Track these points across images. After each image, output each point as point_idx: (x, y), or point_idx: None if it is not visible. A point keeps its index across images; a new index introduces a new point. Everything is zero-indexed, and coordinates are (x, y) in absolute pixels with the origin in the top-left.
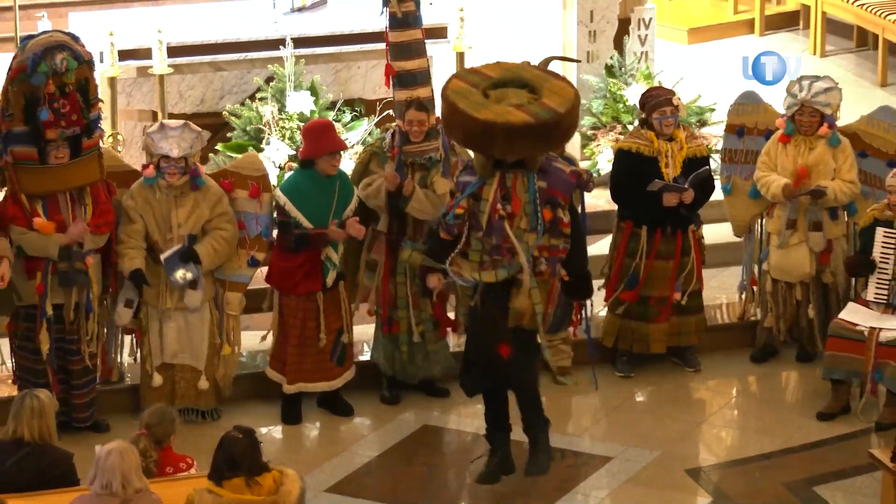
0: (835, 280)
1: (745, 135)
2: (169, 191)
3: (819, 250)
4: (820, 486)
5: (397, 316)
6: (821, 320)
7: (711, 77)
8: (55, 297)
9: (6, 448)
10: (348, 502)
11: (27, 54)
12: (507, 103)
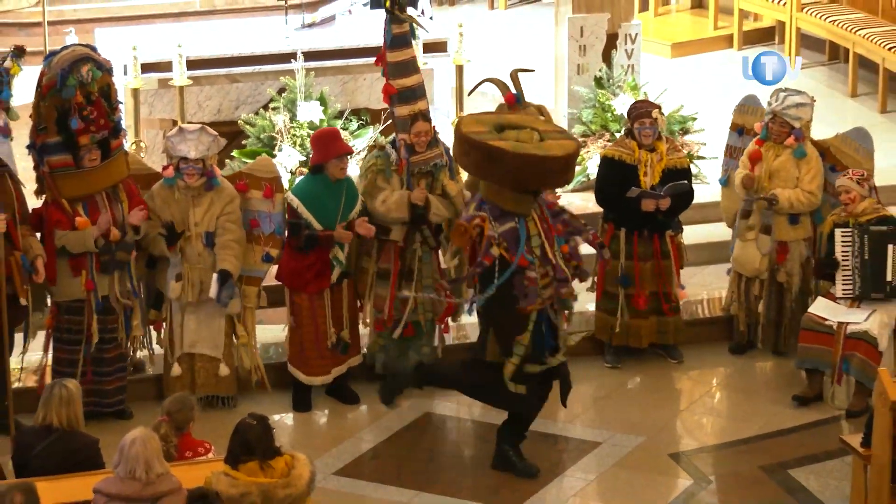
0: (789, 280)
1: (744, 134)
2: (187, 191)
3: (765, 252)
4: (794, 469)
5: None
6: (771, 317)
7: (693, 88)
8: (102, 289)
9: (36, 434)
10: (355, 485)
11: (55, 70)
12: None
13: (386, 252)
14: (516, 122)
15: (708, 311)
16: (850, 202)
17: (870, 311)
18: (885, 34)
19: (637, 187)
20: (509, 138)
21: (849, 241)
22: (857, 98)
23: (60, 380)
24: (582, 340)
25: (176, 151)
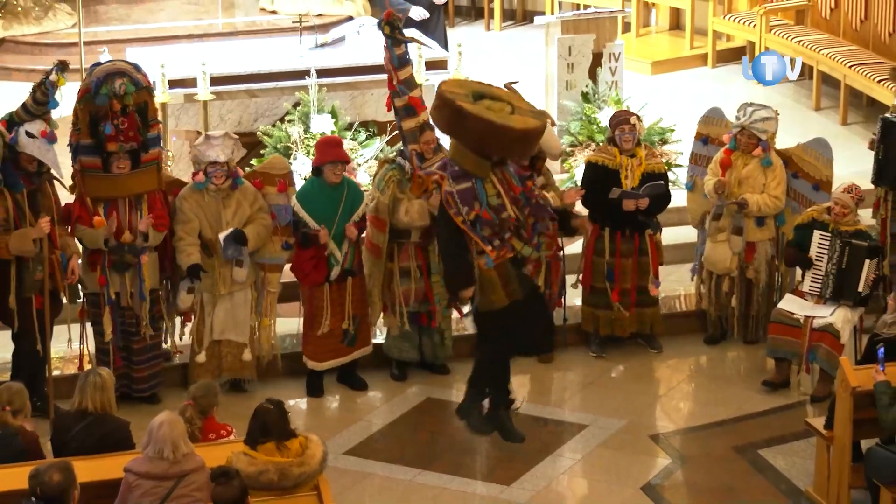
0: (757, 276)
1: (708, 143)
2: (216, 193)
3: (737, 251)
4: (763, 450)
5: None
6: (741, 310)
7: (671, 102)
8: (114, 285)
9: (73, 418)
10: (363, 463)
11: (92, 78)
12: (507, 112)
13: (405, 252)
14: (496, 94)
15: (684, 305)
16: (842, 215)
17: (834, 307)
18: (846, 53)
19: (619, 189)
20: (482, 105)
21: (826, 245)
22: (821, 111)
23: (95, 368)
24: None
25: (204, 157)
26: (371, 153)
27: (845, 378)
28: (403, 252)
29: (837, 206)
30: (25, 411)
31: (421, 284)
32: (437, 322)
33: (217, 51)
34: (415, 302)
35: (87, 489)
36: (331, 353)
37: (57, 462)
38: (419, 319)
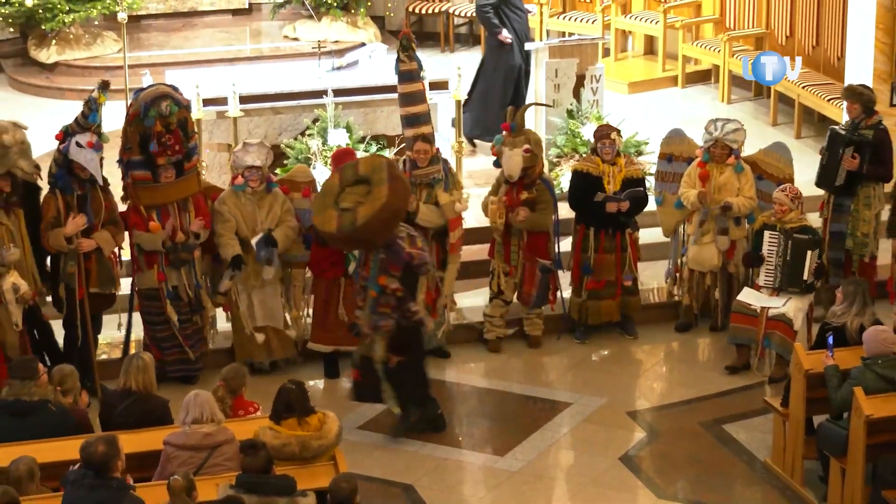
0: (737, 270)
1: (673, 161)
2: (252, 196)
3: (725, 250)
4: (727, 425)
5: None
6: (724, 301)
7: (646, 118)
8: (171, 280)
9: (118, 396)
10: (373, 436)
11: (140, 103)
12: (342, 206)
13: None
14: (361, 177)
15: (658, 297)
16: (782, 212)
17: (787, 298)
18: (800, 75)
19: (602, 193)
20: (337, 209)
21: (775, 242)
22: (777, 126)
23: (137, 352)
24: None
25: (242, 162)
26: None
27: (799, 362)
28: None
29: (776, 205)
30: (76, 391)
31: None
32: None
33: (245, 73)
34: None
35: (131, 459)
36: (338, 340)
37: (103, 435)
38: None
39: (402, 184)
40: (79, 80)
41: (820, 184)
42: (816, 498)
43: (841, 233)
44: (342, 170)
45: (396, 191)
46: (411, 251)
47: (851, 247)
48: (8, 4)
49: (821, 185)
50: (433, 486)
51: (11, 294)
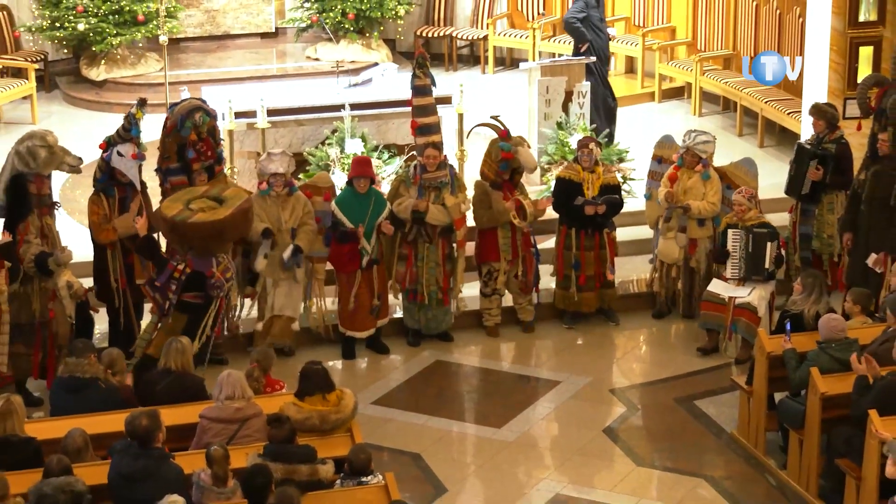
0: (698, 265)
1: (662, 162)
2: (276, 199)
3: (682, 246)
4: (698, 400)
5: (419, 289)
6: (686, 292)
7: (627, 130)
8: None
9: (159, 376)
10: (385, 411)
11: (177, 116)
12: (190, 205)
13: (403, 241)
14: (207, 194)
15: (636, 288)
16: (741, 212)
17: (751, 288)
18: (763, 91)
19: (581, 198)
20: (190, 212)
21: (738, 238)
22: (743, 137)
23: (177, 336)
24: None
25: (267, 170)
26: (392, 169)
27: (762, 345)
28: (404, 243)
29: (736, 206)
30: (122, 372)
31: (414, 269)
32: (423, 298)
33: (272, 89)
34: (410, 283)
35: (171, 431)
36: (363, 323)
37: (146, 410)
38: (415, 297)
39: (244, 218)
40: (125, 96)
41: (789, 192)
42: (777, 466)
43: (808, 235)
44: (214, 185)
45: (235, 219)
46: (215, 271)
47: (818, 247)
48: (63, 29)
49: (789, 193)
50: (438, 455)
51: (66, 290)
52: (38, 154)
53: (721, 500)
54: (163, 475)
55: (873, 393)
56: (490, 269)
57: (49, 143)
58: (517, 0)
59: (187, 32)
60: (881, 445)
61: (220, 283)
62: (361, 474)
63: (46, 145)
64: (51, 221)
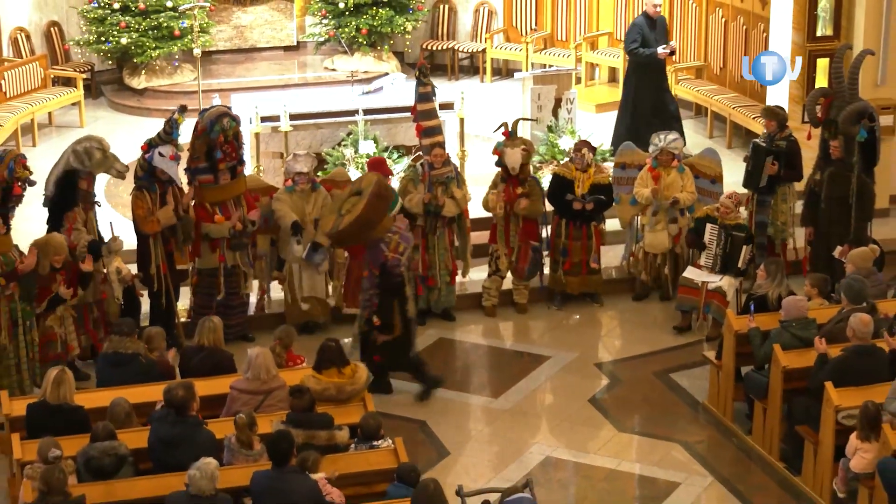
0: (682, 251)
1: (626, 168)
2: (301, 193)
3: (674, 235)
4: (673, 374)
5: (432, 273)
6: (673, 275)
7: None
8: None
9: (193, 351)
10: (395, 383)
11: (206, 121)
12: (341, 212)
13: (415, 233)
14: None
15: (619, 274)
16: (725, 213)
17: (722, 275)
18: (731, 98)
19: (572, 194)
20: (341, 218)
21: (715, 234)
22: (713, 139)
23: (209, 316)
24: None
25: (293, 169)
26: (401, 168)
27: (730, 325)
28: (414, 233)
29: (722, 207)
30: (161, 348)
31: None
32: (434, 282)
33: (294, 96)
34: (423, 269)
35: (204, 401)
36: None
37: (182, 382)
38: (426, 281)
39: (379, 201)
40: (162, 102)
41: (746, 185)
42: (743, 431)
43: (764, 223)
44: (351, 182)
45: (372, 205)
46: (387, 254)
47: (773, 233)
48: (107, 43)
49: (747, 186)
50: (442, 422)
51: (115, 275)
52: (93, 155)
53: (693, 462)
54: (197, 440)
55: (829, 368)
56: (493, 251)
57: (104, 147)
58: (512, 17)
59: (218, 46)
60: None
61: (397, 261)
62: (373, 439)
63: (102, 149)
64: (93, 216)
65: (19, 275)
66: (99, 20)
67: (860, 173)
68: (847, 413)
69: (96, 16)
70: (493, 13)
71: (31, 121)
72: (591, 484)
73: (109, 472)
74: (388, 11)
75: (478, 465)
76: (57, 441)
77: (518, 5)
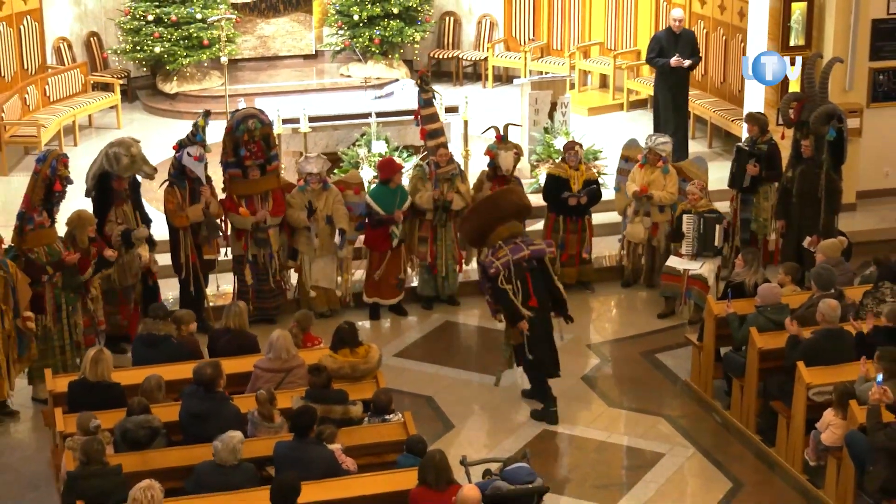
0: (659, 244)
1: (628, 161)
2: (312, 192)
3: (647, 228)
4: (658, 354)
5: (438, 264)
6: (648, 266)
7: (600, 134)
8: (252, 249)
9: (220, 333)
10: (404, 362)
11: (234, 120)
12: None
13: (424, 226)
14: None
15: (608, 263)
16: (694, 200)
17: (702, 263)
18: (711, 102)
19: (568, 191)
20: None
21: (691, 222)
22: (695, 139)
23: (235, 301)
24: None
25: (304, 170)
26: (409, 166)
27: (710, 309)
28: (423, 226)
29: (690, 195)
30: (192, 329)
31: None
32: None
33: (312, 100)
34: (431, 258)
35: (230, 378)
36: (389, 293)
37: (210, 361)
38: (432, 270)
39: (497, 200)
40: (192, 106)
41: (731, 185)
42: (722, 407)
43: (747, 219)
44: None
45: (498, 197)
46: (488, 257)
47: (756, 228)
48: (142, 51)
49: (732, 186)
50: (447, 397)
51: (137, 260)
52: (120, 160)
53: (676, 434)
54: (223, 414)
55: (801, 349)
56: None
57: (132, 153)
58: (512, 28)
59: (243, 54)
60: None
61: (491, 263)
62: (384, 413)
63: (129, 154)
64: (128, 209)
65: (66, 265)
66: (134, 31)
67: (828, 170)
68: (817, 390)
69: (132, 27)
70: (495, 25)
71: (73, 123)
72: (583, 454)
73: (144, 444)
74: (398, 23)
75: (480, 437)
76: (95, 415)
77: (517, 17)
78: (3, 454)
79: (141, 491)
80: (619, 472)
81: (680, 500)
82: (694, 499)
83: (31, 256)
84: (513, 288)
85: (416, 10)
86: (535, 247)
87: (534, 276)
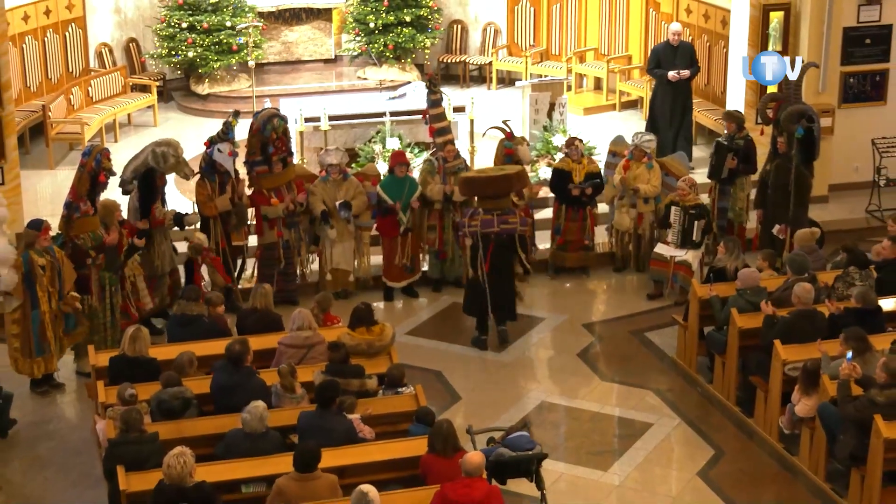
0: (644, 233)
1: (616, 156)
2: (333, 183)
3: (633, 218)
4: (647, 332)
5: (446, 249)
6: (635, 252)
7: (595, 132)
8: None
9: (248, 313)
10: (415, 340)
11: (260, 121)
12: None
13: (433, 215)
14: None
15: (602, 249)
16: (683, 195)
17: (686, 250)
18: (696, 103)
19: (572, 183)
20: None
21: (677, 214)
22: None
23: (261, 283)
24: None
25: (325, 161)
26: (420, 160)
27: (694, 292)
28: (432, 215)
29: (680, 190)
30: (221, 310)
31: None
32: (447, 255)
33: (332, 101)
34: (439, 245)
35: (257, 354)
36: (398, 276)
37: (239, 338)
38: (440, 255)
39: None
40: (223, 106)
41: (710, 177)
42: (706, 381)
43: (724, 208)
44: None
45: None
46: (463, 219)
47: (732, 217)
48: (177, 56)
49: (711, 178)
50: (455, 372)
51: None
52: (168, 160)
53: (664, 406)
54: (250, 387)
55: (777, 328)
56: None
57: (179, 154)
58: (514, 35)
59: (269, 58)
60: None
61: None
62: (397, 386)
63: (176, 155)
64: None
65: (107, 247)
66: (170, 37)
67: (798, 165)
68: (792, 366)
69: (167, 33)
70: (499, 32)
71: (114, 121)
72: (578, 424)
73: (178, 413)
74: (410, 30)
75: (484, 408)
76: (134, 387)
77: (519, 25)
78: (50, 422)
79: (174, 457)
80: (611, 440)
81: (667, 465)
82: (679, 464)
83: (77, 242)
84: (473, 246)
85: (427, 18)
86: (506, 226)
87: (498, 247)
